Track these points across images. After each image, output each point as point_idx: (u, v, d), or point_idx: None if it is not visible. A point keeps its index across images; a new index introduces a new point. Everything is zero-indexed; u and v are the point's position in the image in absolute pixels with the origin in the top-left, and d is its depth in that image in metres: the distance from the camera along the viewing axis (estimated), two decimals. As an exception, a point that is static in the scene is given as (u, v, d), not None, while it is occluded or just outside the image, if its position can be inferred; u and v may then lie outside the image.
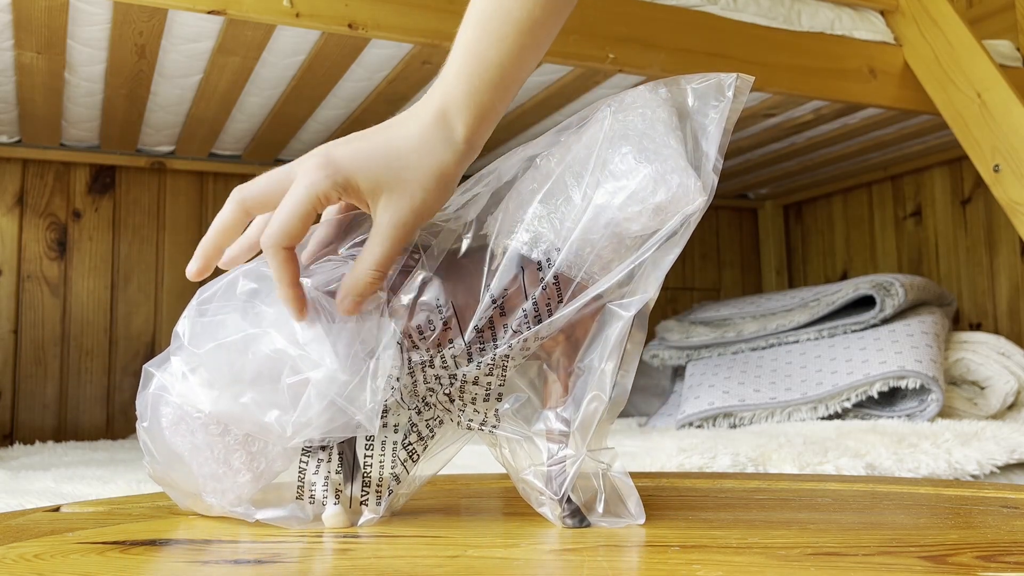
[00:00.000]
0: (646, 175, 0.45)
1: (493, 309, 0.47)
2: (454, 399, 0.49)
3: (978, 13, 1.96)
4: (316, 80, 1.53)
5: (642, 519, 0.48)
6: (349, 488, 0.50)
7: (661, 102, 0.47)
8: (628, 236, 0.46)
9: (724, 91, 0.47)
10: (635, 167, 0.45)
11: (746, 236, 2.64)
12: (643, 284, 0.47)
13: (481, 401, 0.49)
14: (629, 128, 0.46)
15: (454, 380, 0.49)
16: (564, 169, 0.48)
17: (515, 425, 0.49)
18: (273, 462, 0.50)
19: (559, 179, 0.48)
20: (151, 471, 0.53)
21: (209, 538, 0.47)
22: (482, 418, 0.50)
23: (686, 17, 1.48)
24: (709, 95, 0.47)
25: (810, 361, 1.68)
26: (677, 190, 0.45)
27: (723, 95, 0.47)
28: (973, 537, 0.42)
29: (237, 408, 0.48)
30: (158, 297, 2.04)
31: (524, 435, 0.49)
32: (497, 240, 0.48)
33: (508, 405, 0.49)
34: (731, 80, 0.47)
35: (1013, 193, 1.49)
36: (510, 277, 0.47)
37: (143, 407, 0.51)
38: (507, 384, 0.49)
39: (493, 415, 0.49)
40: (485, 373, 0.48)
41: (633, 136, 0.46)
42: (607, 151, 0.46)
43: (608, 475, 0.48)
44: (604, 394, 0.47)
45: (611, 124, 0.47)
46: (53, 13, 1.27)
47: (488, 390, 0.49)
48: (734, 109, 0.47)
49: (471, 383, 0.49)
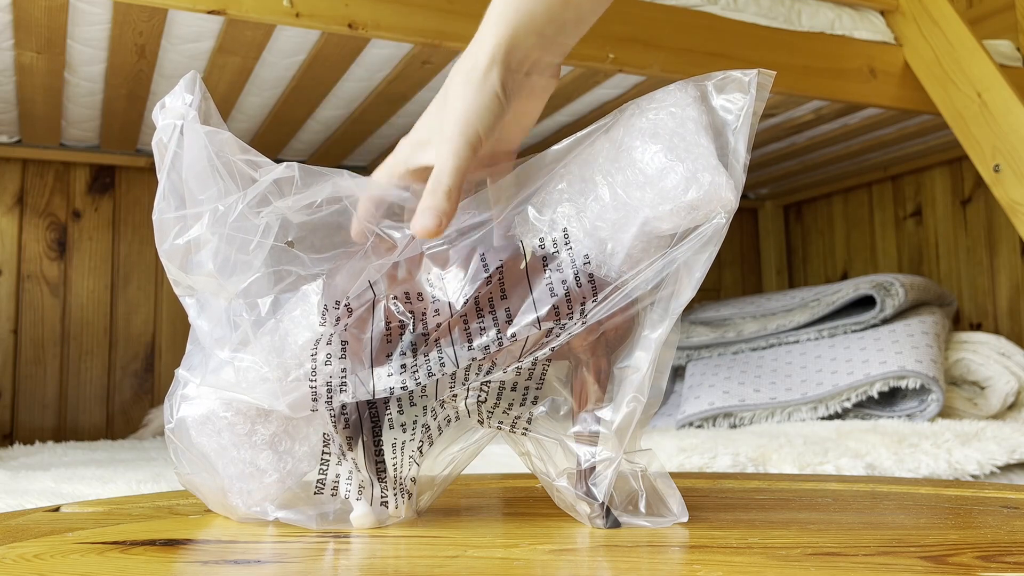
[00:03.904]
0: (678, 173, 0.45)
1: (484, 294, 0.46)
2: (484, 401, 0.49)
3: (978, 13, 1.96)
4: (316, 80, 1.53)
5: (685, 517, 0.47)
6: (372, 488, 0.49)
7: (691, 100, 0.46)
8: (659, 235, 0.46)
9: (746, 88, 0.46)
10: (666, 165, 0.45)
11: (746, 236, 2.64)
12: (680, 285, 0.46)
13: (518, 406, 0.49)
14: (659, 126, 0.46)
15: (486, 386, 0.48)
16: (594, 168, 0.47)
17: (548, 427, 0.49)
18: (300, 462, 0.50)
19: (589, 178, 0.47)
20: (178, 473, 0.53)
21: (209, 538, 0.47)
22: (512, 420, 0.49)
23: (686, 17, 1.48)
24: (731, 93, 0.47)
25: (810, 361, 1.68)
26: (709, 188, 0.44)
27: (746, 92, 0.46)
28: (973, 537, 0.42)
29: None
30: (158, 297, 2.04)
31: (557, 437, 0.49)
32: (526, 239, 0.48)
33: (543, 408, 0.49)
34: (752, 76, 0.46)
35: (1013, 193, 1.49)
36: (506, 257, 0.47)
37: (170, 409, 0.51)
38: (544, 387, 0.49)
39: (526, 418, 0.49)
40: (525, 377, 0.48)
41: (664, 134, 0.46)
42: (637, 150, 0.46)
43: (647, 475, 0.48)
44: (643, 396, 0.46)
45: (641, 123, 0.47)
46: (53, 13, 1.27)
47: (525, 394, 0.49)
48: (757, 106, 0.46)
49: (509, 389, 0.48)
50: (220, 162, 0.49)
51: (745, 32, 1.53)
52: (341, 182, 0.49)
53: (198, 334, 0.51)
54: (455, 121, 0.48)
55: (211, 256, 0.48)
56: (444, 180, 0.47)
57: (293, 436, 0.50)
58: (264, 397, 0.48)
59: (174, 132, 0.49)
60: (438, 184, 0.47)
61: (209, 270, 0.48)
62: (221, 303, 0.50)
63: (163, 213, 0.49)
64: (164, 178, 0.50)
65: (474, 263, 0.47)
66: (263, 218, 0.48)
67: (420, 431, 0.50)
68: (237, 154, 0.49)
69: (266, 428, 0.49)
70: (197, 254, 0.49)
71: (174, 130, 0.49)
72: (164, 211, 0.49)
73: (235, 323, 0.49)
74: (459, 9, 1.30)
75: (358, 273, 0.48)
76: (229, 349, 0.49)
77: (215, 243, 0.48)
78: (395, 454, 0.50)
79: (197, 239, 0.49)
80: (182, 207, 0.49)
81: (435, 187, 0.47)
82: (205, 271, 0.48)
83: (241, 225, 0.48)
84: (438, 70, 1.49)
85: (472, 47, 0.50)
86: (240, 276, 0.48)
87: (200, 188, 0.49)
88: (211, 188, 0.48)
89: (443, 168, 0.47)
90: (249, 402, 0.49)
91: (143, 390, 2.00)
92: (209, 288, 0.50)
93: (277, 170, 0.49)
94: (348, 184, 0.49)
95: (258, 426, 0.49)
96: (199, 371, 0.50)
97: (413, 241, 0.48)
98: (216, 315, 0.50)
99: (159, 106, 0.50)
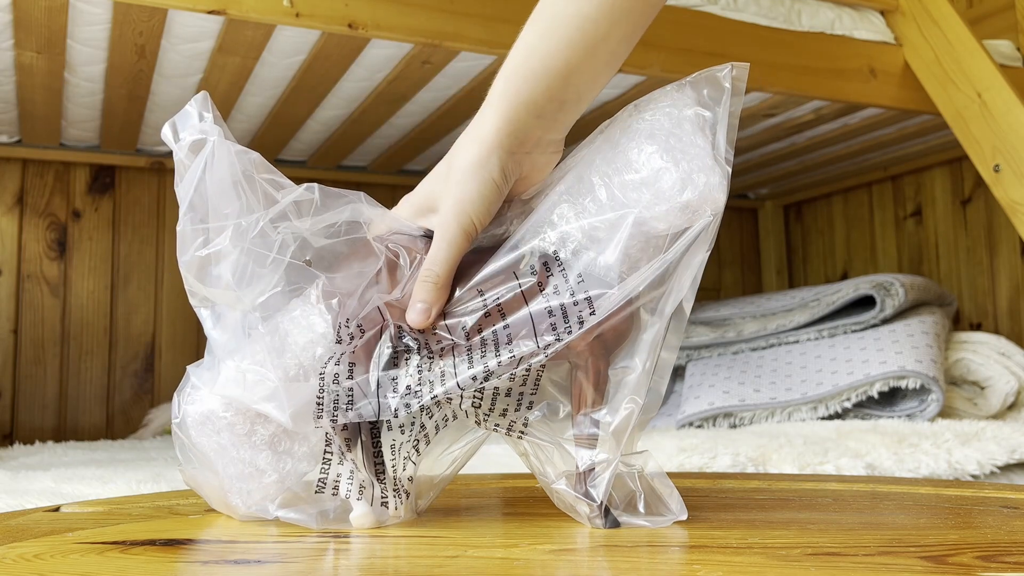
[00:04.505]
0: (673, 174, 0.45)
1: (493, 306, 0.47)
2: (479, 406, 0.49)
3: (978, 13, 1.96)
4: (316, 80, 1.53)
5: (684, 516, 0.47)
6: (372, 488, 0.49)
7: (688, 101, 0.47)
8: (655, 235, 0.46)
9: (721, 83, 0.47)
10: (662, 166, 0.45)
11: (746, 236, 2.64)
12: (676, 286, 0.46)
13: (513, 411, 0.49)
14: (656, 127, 0.46)
15: (481, 392, 0.48)
16: (591, 169, 0.48)
17: (544, 430, 0.49)
18: (299, 462, 0.50)
19: (586, 179, 0.48)
20: (182, 470, 0.53)
21: (210, 538, 0.47)
22: (508, 424, 0.49)
23: (686, 17, 1.48)
24: (707, 89, 0.47)
25: (810, 361, 1.68)
26: (704, 189, 0.45)
27: (721, 87, 0.47)
28: (973, 537, 0.42)
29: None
30: (158, 297, 2.04)
31: (553, 441, 0.49)
32: (524, 241, 0.48)
33: (539, 413, 0.49)
34: (725, 71, 0.47)
35: (1013, 193, 1.49)
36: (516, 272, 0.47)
37: (178, 404, 0.51)
38: (539, 393, 0.49)
39: (521, 422, 0.49)
40: (520, 383, 0.48)
41: (660, 135, 0.46)
42: (634, 150, 0.46)
43: (645, 475, 0.48)
44: (640, 398, 0.46)
45: (638, 124, 0.47)
46: (53, 13, 1.27)
47: (520, 399, 0.49)
48: (735, 99, 0.47)
49: (503, 394, 0.48)
50: (245, 180, 0.49)
51: (745, 32, 1.53)
52: (361, 208, 0.50)
53: (212, 345, 0.51)
54: (452, 206, 0.50)
55: (230, 269, 0.49)
56: (435, 269, 0.48)
57: (292, 436, 0.50)
58: (270, 409, 0.48)
59: (199, 148, 0.50)
60: (430, 274, 0.48)
61: (227, 282, 0.49)
62: (236, 314, 0.50)
63: (185, 225, 0.50)
64: (188, 193, 0.50)
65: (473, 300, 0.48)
66: (279, 234, 0.49)
67: (416, 430, 0.51)
68: (262, 173, 0.50)
69: (265, 428, 0.49)
70: (216, 266, 0.49)
71: (198, 146, 0.50)
72: (186, 223, 0.50)
73: (250, 335, 0.50)
74: (459, 9, 1.30)
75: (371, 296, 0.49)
76: (240, 360, 0.49)
77: (235, 256, 0.49)
78: (393, 455, 0.51)
79: (218, 252, 0.49)
80: (205, 220, 0.50)
81: (427, 276, 0.48)
82: (223, 283, 0.49)
83: (261, 241, 0.49)
84: (438, 70, 1.49)
85: (476, 124, 0.51)
86: (255, 288, 0.49)
87: (224, 203, 0.49)
88: (235, 204, 0.49)
89: (436, 257, 0.49)
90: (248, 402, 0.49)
91: (143, 390, 2.00)
92: (226, 300, 0.50)
93: (298, 191, 0.49)
94: (367, 212, 0.50)
95: (257, 426, 0.49)
96: (209, 374, 0.50)
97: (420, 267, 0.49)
98: (231, 326, 0.50)
99: (170, 126, 0.51)
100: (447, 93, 1.63)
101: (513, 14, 1.34)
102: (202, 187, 0.50)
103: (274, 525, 0.50)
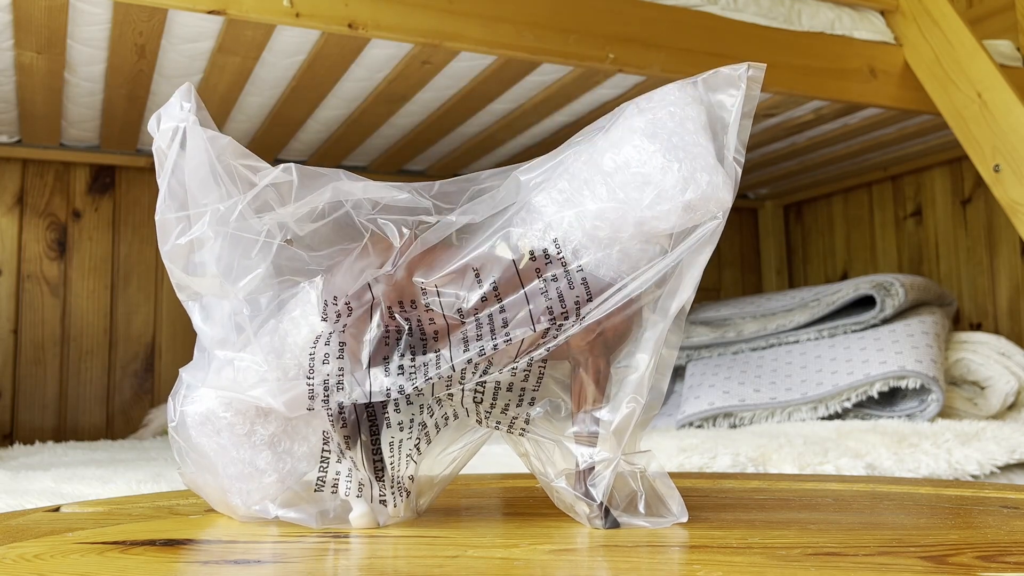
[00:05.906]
0: (676, 173, 0.45)
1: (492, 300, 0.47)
2: (480, 402, 0.49)
3: (978, 13, 1.96)
4: (316, 80, 1.53)
5: (685, 517, 0.47)
6: (371, 487, 0.49)
7: (691, 100, 0.46)
8: (656, 235, 0.46)
9: (737, 82, 0.47)
10: (664, 165, 0.45)
11: (746, 236, 2.64)
12: (679, 285, 0.46)
13: (514, 407, 0.49)
14: (658, 126, 0.46)
15: (482, 386, 0.48)
16: (593, 168, 0.47)
17: (545, 427, 0.49)
18: (299, 462, 0.50)
19: (588, 178, 0.47)
20: (181, 473, 0.53)
21: (210, 538, 0.47)
22: (510, 421, 0.49)
23: (686, 17, 1.48)
24: (722, 88, 0.47)
25: (810, 361, 1.68)
26: (707, 188, 0.44)
27: (737, 87, 0.46)
28: (973, 537, 0.42)
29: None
30: (158, 297, 2.04)
31: (555, 438, 0.48)
32: (523, 239, 0.48)
33: (541, 409, 0.49)
34: (742, 71, 0.47)
35: (1013, 193, 1.49)
36: (502, 268, 0.47)
37: (173, 408, 0.51)
38: (541, 389, 0.49)
39: (523, 419, 0.49)
40: (521, 379, 0.48)
41: (662, 134, 0.46)
42: (636, 149, 0.46)
43: (646, 476, 0.48)
44: (641, 397, 0.46)
45: (640, 122, 0.47)
46: (53, 13, 1.27)
47: (522, 395, 0.49)
48: (749, 99, 0.47)
49: (505, 389, 0.48)
50: (221, 166, 0.49)
51: (745, 32, 1.53)
52: (340, 185, 0.49)
53: (201, 338, 0.51)
54: None
55: (214, 258, 0.48)
56: None
57: (292, 436, 0.50)
58: (261, 395, 0.48)
59: (175, 136, 0.49)
60: None
61: (212, 271, 0.48)
62: (225, 306, 0.50)
63: (165, 214, 0.49)
64: (165, 181, 0.50)
65: (468, 279, 0.47)
66: (264, 224, 0.48)
67: (417, 429, 0.50)
68: (237, 158, 0.49)
69: (265, 428, 0.49)
70: (199, 253, 0.49)
71: (175, 134, 0.50)
72: (165, 212, 0.49)
73: (238, 325, 0.49)
74: (459, 9, 1.30)
75: (357, 272, 0.48)
76: (231, 350, 0.49)
77: (216, 242, 0.48)
78: (392, 453, 0.50)
79: (199, 238, 0.49)
80: (184, 210, 0.49)
81: None
82: (208, 273, 0.49)
83: (243, 226, 0.48)
84: (438, 70, 1.49)
85: None
86: (243, 279, 0.49)
87: (202, 191, 0.49)
88: (212, 191, 0.49)
89: None
90: (248, 402, 0.49)
91: (143, 390, 2.00)
92: (212, 290, 0.50)
93: (274, 172, 0.49)
94: (347, 187, 0.49)
95: (257, 426, 0.49)
96: (201, 372, 0.50)
97: (414, 243, 0.48)
98: (220, 318, 0.50)
99: (155, 118, 0.51)
100: (447, 93, 1.63)
101: (513, 14, 1.34)
102: (179, 174, 0.49)
103: (274, 525, 0.50)
